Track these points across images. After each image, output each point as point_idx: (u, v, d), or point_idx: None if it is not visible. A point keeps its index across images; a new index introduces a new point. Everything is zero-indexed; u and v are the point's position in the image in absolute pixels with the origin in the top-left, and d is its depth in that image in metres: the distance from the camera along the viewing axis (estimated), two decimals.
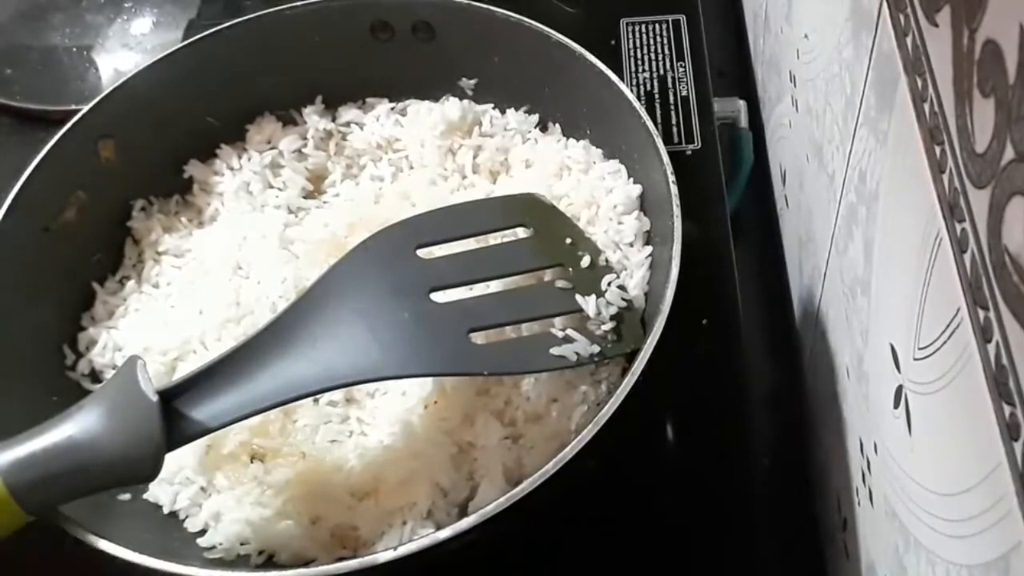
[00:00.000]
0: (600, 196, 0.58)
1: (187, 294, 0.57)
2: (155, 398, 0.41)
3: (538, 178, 0.59)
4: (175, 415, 0.42)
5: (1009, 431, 0.30)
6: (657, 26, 0.73)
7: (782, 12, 0.72)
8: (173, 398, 0.42)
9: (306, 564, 0.46)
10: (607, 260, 0.53)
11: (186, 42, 0.63)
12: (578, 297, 0.50)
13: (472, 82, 0.65)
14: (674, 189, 0.51)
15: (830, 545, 0.60)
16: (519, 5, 0.62)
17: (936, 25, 0.37)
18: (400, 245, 0.50)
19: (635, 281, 0.53)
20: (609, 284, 0.51)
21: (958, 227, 0.34)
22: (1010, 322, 0.30)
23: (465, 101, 0.64)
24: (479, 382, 0.51)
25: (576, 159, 0.60)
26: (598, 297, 0.50)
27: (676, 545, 0.51)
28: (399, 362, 0.45)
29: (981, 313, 0.32)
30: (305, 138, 0.64)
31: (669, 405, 0.55)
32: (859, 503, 0.52)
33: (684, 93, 0.69)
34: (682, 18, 0.74)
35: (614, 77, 0.57)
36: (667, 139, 0.65)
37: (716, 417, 0.55)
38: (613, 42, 0.72)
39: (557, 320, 0.50)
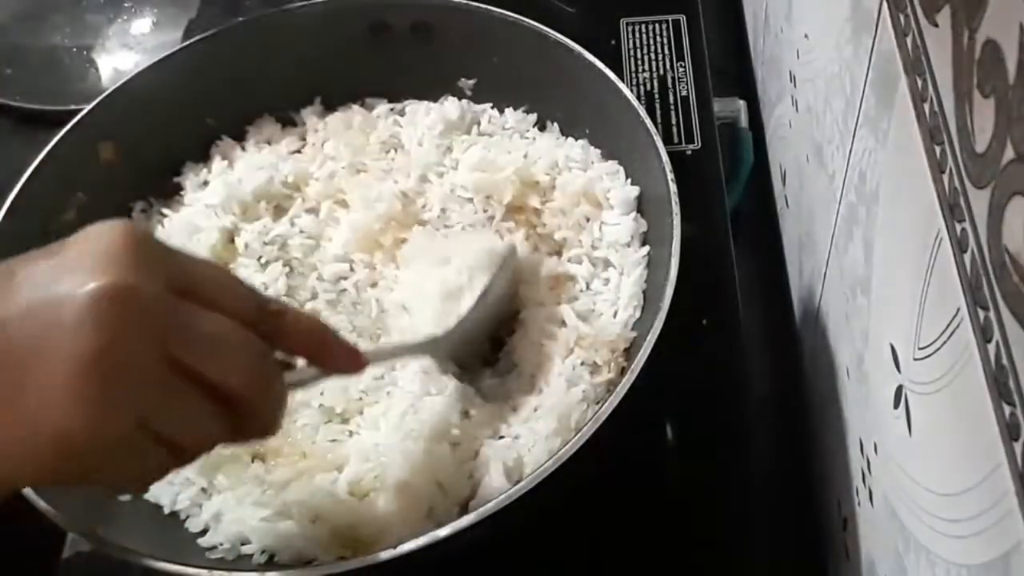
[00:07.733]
0: (598, 196, 0.57)
1: None
2: None
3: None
4: None
5: (1009, 431, 0.30)
6: (657, 26, 0.73)
7: (782, 12, 0.72)
8: None
9: (307, 564, 0.46)
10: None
11: (186, 43, 0.63)
12: None
13: (471, 82, 0.65)
14: (674, 189, 0.51)
15: (830, 545, 0.60)
16: (519, 5, 0.62)
17: (936, 25, 0.37)
18: None
19: (631, 280, 0.53)
20: None
21: (958, 227, 0.34)
22: (1010, 322, 0.30)
23: (464, 101, 0.64)
24: (480, 381, 0.51)
25: (574, 158, 0.60)
26: None
27: (675, 544, 0.51)
28: None
29: (981, 313, 0.32)
30: (304, 139, 0.64)
31: (669, 404, 0.55)
32: (859, 503, 0.52)
33: (684, 93, 0.69)
34: (682, 18, 0.73)
35: (614, 77, 0.57)
36: (667, 139, 0.65)
37: (716, 417, 0.55)
38: (613, 42, 0.72)
39: None
